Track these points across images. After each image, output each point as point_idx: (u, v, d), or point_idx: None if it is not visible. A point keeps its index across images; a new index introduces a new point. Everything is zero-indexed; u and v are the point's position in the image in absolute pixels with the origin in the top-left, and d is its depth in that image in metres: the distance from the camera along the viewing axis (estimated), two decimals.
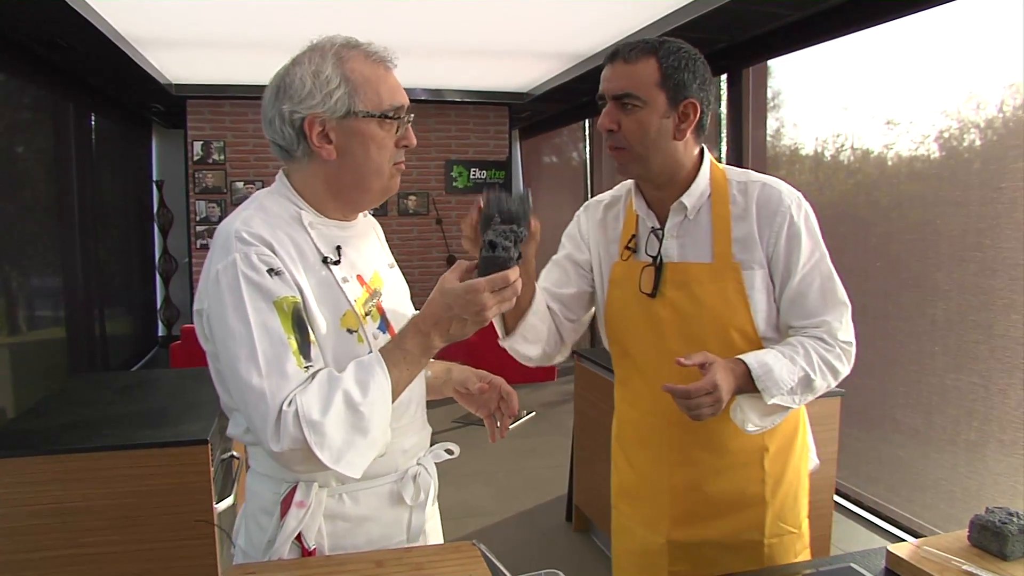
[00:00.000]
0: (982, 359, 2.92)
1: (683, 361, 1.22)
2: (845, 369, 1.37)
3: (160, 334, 7.75)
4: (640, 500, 1.50)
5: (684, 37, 1.39)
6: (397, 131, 1.20)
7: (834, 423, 2.72)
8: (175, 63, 5.49)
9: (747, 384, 1.27)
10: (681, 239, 1.40)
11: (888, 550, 1.26)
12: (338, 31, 1.21)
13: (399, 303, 1.31)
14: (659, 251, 1.40)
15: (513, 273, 1.09)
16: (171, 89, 6.12)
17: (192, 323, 5.34)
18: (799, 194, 1.39)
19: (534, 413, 5.35)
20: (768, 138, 4.30)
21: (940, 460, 3.15)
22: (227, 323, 1.08)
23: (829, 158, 3.84)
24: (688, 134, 1.35)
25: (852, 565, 1.27)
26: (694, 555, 1.42)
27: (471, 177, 7.24)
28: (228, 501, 2.16)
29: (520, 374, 4.62)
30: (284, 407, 1.04)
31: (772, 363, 1.28)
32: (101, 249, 5.82)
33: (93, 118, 5.73)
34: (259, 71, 5.77)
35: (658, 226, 1.42)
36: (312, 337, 1.12)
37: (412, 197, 7.02)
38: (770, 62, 4.23)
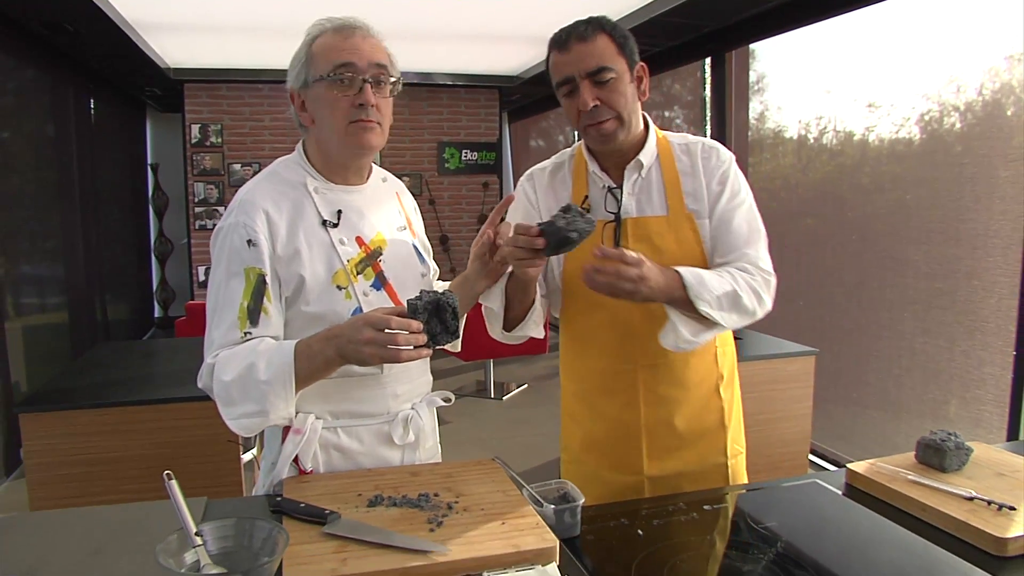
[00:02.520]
0: (947, 323, 3.13)
1: (601, 250, 1.29)
2: (767, 297, 1.48)
3: (156, 315, 7.87)
4: (613, 446, 1.59)
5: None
6: (352, 90, 1.27)
7: (809, 380, 2.92)
8: (174, 47, 5.59)
9: (678, 295, 1.37)
10: (637, 196, 1.54)
11: (848, 467, 1.47)
12: (332, 15, 1.34)
13: (401, 262, 1.41)
14: (618, 208, 1.53)
15: (397, 322, 1.15)
16: (169, 73, 6.21)
17: (194, 301, 5.45)
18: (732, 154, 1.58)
19: (526, 385, 5.55)
20: (752, 121, 4.45)
21: (909, 419, 3.36)
22: (212, 273, 1.32)
23: (812, 140, 3.99)
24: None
25: (817, 481, 1.47)
26: (669, 486, 1.54)
27: (463, 158, 7.40)
28: (254, 451, 2.35)
29: (512, 348, 4.81)
30: (210, 358, 1.26)
31: (703, 273, 1.41)
32: (101, 233, 5.92)
33: (92, 102, 5.82)
34: (256, 55, 5.91)
35: (614, 185, 1.55)
36: (267, 307, 1.26)
37: (405, 178, 7.15)
38: (754, 46, 4.37)
